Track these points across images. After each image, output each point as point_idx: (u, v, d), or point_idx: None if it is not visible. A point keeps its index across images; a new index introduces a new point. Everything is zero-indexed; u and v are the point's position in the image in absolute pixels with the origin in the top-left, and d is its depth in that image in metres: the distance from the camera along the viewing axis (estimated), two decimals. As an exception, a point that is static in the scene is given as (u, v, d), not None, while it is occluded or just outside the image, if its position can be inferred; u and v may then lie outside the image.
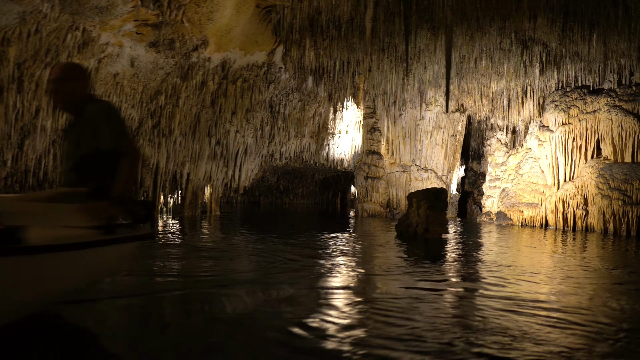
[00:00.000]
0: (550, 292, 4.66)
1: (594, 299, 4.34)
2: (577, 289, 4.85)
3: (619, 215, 12.50)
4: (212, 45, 11.05)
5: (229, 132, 13.84)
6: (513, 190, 14.94)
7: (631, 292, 4.79)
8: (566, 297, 4.41)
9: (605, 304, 4.12)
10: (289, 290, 4.28)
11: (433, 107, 17.13)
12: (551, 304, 4.04)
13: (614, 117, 12.91)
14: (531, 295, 4.41)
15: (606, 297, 4.46)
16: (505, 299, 4.18)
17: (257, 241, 8.45)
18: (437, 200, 9.91)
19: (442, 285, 4.85)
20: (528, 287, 4.80)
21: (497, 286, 4.78)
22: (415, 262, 6.58)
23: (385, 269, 5.78)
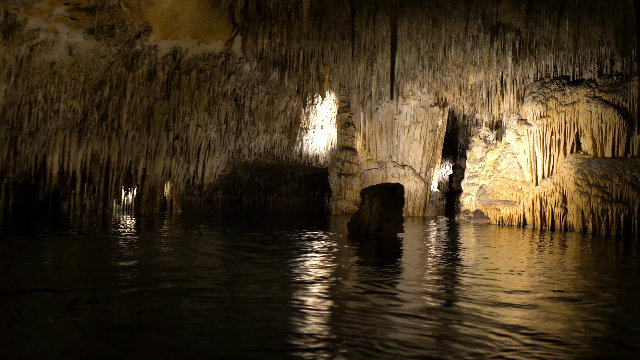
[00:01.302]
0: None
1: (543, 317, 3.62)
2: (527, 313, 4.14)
3: (598, 214, 11.71)
4: (157, 32, 10.38)
5: (188, 126, 13.18)
6: (490, 187, 14.18)
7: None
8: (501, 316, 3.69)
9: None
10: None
11: (410, 101, 16.38)
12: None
13: (594, 108, 12.11)
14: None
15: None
16: (396, 315, 3.48)
17: (176, 244, 7.79)
18: (391, 197, 9.18)
19: (334, 298, 4.15)
20: (416, 305, 4.08)
21: (401, 301, 4.07)
22: (343, 265, 5.87)
23: (300, 271, 5.08)
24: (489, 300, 4.04)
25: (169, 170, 13.40)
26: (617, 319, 3.63)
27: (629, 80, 11.95)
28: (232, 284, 4.50)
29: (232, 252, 6.71)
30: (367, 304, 3.80)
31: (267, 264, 5.77)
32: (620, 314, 3.82)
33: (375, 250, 7.63)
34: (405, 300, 3.99)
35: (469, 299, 4.09)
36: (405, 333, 3.05)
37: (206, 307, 3.56)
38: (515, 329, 3.19)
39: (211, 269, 5.37)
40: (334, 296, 4.17)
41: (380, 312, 3.56)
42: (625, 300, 4.37)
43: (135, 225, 10.19)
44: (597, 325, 3.42)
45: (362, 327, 3.14)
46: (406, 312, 3.59)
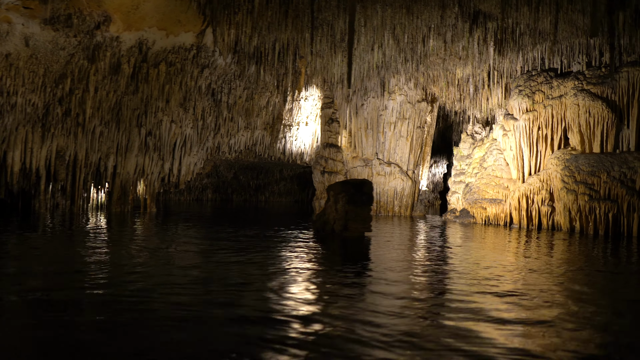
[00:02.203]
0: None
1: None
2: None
3: (586, 212, 11.12)
4: (118, 22, 9.96)
5: (161, 122, 12.76)
6: (476, 185, 13.61)
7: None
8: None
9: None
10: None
11: (396, 96, 15.86)
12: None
13: (581, 102, 11.52)
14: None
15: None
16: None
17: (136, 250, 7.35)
18: (358, 194, 8.68)
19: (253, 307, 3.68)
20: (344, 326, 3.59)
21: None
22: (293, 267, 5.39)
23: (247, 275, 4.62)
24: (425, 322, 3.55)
25: (142, 167, 12.98)
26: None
27: (618, 71, 11.35)
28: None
29: (155, 254, 6.26)
30: (273, 330, 3.32)
31: (191, 266, 5.31)
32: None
33: (324, 251, 7.13)
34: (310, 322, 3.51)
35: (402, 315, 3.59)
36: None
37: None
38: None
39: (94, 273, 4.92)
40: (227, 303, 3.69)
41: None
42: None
43: (92, 224, 9.78)
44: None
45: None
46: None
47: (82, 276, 4.45)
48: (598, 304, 4.01)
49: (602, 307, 3.87)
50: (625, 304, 4.09)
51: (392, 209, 16.14)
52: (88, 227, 8.99)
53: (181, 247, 6.84)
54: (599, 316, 3.57)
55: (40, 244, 6.81)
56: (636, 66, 11.08)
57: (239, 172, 22.84)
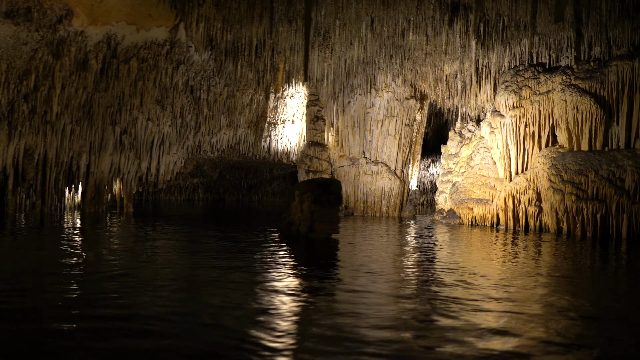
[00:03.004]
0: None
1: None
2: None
3: (573, 213, 10.62)
4: (81, 16, 9.63)
5: (137, 120, 12.42)
6: (463, 184, 13.14)
7: None
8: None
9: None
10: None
11: (383, 93, 15.42)
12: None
13: (568, 97, 11.01)
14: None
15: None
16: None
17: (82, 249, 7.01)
18: (325, 193, 8.27)
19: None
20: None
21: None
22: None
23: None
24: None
25: (118, 166, 12.66)
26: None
27: (607, 65, 10.83)
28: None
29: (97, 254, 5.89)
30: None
31: (119, 273, 4.93)
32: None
33: (284, 253, 6.73)
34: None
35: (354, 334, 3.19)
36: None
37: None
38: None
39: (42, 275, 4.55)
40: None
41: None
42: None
43: (55, 224, 9.46)
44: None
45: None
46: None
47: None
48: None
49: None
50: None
51: (380, 210, 15.71)
52: (45, 229, 8.68)
53: (115, 247, 6.48)
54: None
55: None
56: (625, 60, 10.56)
57: (225, 171, 22.49)
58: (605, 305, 4.06)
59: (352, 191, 15.76)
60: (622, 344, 3.01)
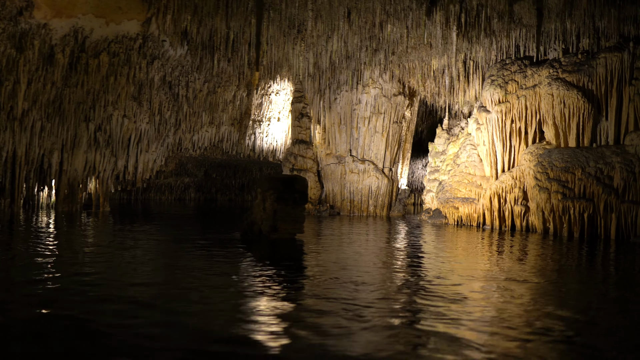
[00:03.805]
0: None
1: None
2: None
3: (559, 213, 10.12)
4: (43, 8, 9.31)
5: (111, 117, 12.10)
6: (449, 183, 12.66)
7: None
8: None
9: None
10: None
11: (370, 89, 14.98)
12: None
13: (555, 91, 10.51)
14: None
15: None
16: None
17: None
18: (288, 191, 7.86)
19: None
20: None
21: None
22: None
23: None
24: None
25: (93, 164, 12.34)
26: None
27: (595, 57, 10.32)
28: None
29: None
30: None
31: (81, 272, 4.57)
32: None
33: (241, 256, 6.34)
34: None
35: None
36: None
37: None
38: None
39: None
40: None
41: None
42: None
43: (20, 225, 9.15)
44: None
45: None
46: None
47: None
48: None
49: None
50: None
51: (367, 209, 15.27)
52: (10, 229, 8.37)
53: (76, 247, 6.13)
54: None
55: None
56: (614, 51, 10.05)
57: (211, 170, 22.11)
58: (588, 321, 3.62)
59: (339, 190, 15.34)
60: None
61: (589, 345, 2.85)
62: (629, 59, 9.99)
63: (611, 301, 4.24)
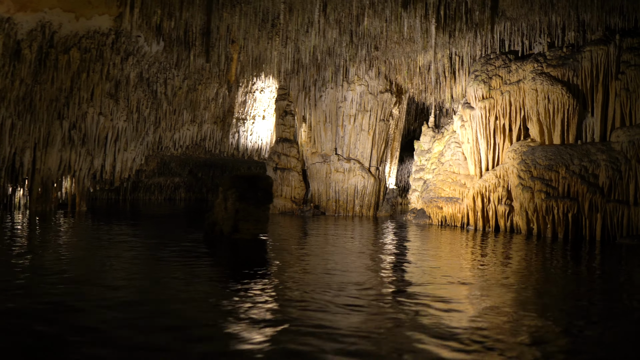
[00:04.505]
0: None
1: None
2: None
3: (543, 213, 9.72)
4: (6, 2, 9.05)
5: (86, 114, 11.82)
6: (433, 182, 12.28)
7: None
8: None
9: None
10: None
11: (356, 87, 14.62)
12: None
13: (539, 86, 10.11)
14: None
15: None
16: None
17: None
18: (251, 190, 7.54)
19: None
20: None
21: None
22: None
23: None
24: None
25: (68, 163, 12.07)
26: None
27: (580, 51, 9.90)
28: None
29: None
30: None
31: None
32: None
33: (193, 259, 6.01)
34: None
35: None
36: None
37: None
38: None
39: None
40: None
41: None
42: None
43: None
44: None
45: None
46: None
47: None
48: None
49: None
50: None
51: (353, 209, 14.91)
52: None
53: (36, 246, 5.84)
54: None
55: None
56: (600, 45, 9.63)
57: (196, 169, 21.81)
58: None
59: (324, 190, 14.99)
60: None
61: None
62: (615, 52, 9.58)
63: (594, 315, 3.81)
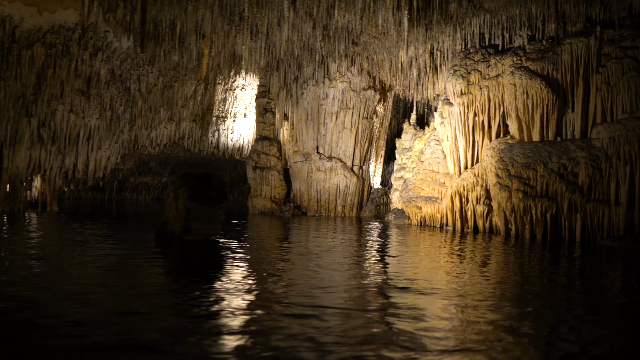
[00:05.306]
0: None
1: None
2: None
3: (520, 213, 9.29)
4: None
5: (56, 112, 11.53)
6: (412, 181, 11.88)
7: None
8: None
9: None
10: None
11: (338, 83, 14.25)
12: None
13: (517, 81, 9.68)
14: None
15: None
16: None
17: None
18: (204, 189, 7.19)
19: None
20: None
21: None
22: None
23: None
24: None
25: (38, 161, 11.79)
26: None
27: (560, 44, 9.47)
28: None
29: None
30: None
31: None
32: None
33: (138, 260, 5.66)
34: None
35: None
36: None
37: None
38: None
39: None
40: None
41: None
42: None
43: None
44: None
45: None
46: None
47: None
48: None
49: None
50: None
51: (335, 209, 14.53)
52: None
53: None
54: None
55: None
56: (580, 37, 9.20)
57: (178, 168, 21.46)
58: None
59: (306, 189, 14.62)
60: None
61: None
62: (595, 45, 9.15)
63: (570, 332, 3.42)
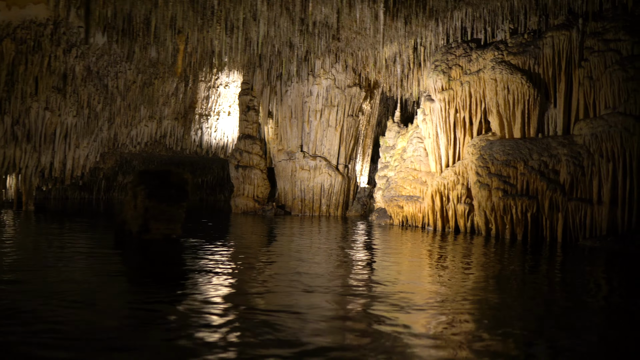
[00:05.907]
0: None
1: None
2: None
3: (500, 212, 8.98)
4: None
5: (30, 109, 11.30)
6: (394, 180, 11.58)
7: None
8: None
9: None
10: None
11: (322, 80, 13.96)
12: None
13: (498, 76, 9.37)
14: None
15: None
16: None
17: None
18: (163, 186, 6.92)
19: None
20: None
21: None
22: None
23: None
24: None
25: (12, 160, 11.57)
26: None
27: (542, 37, 9.15)
28: None
29: None
30: None
31: None
32: None
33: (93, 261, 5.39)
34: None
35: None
36: None
37: None
38: None
39: None
40: None
41: None
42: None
43: None
44: None
45: None
46: None
47: None
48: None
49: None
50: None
51: (319, 209, 14.24)
52: None
53: None
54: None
55: None
56: (562, 30, 8.88)
57: (161, 168, 21.20)
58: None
59: (290, 188, 14.35)
60: None
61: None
62: (577, 38, 8.83)
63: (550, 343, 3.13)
